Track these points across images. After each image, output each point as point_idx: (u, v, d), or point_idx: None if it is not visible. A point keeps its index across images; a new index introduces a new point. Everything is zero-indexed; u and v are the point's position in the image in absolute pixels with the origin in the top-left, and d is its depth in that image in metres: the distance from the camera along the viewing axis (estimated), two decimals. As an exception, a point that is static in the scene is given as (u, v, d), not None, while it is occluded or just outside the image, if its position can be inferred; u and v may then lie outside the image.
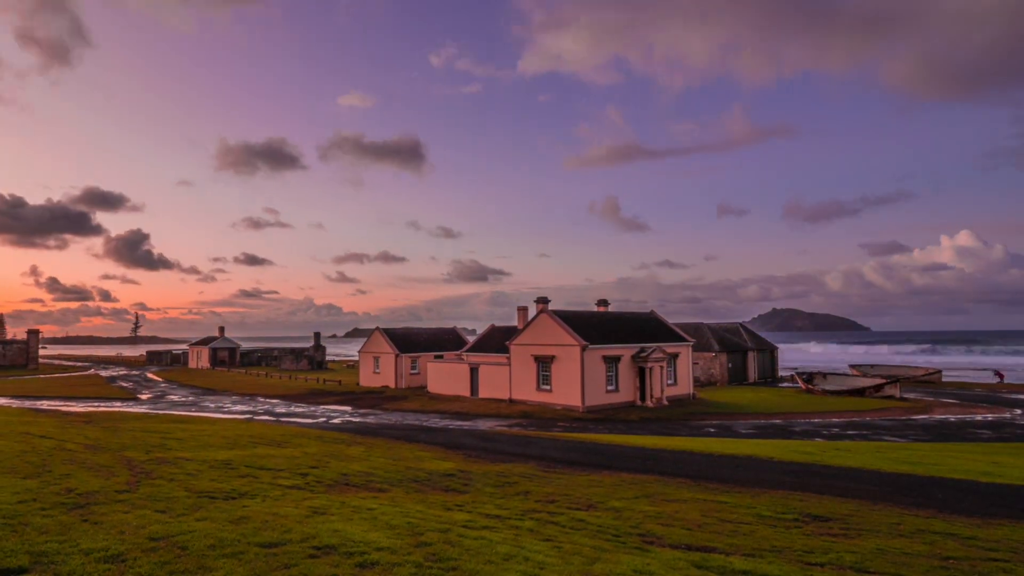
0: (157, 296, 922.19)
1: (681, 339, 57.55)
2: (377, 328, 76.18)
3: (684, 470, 21.81)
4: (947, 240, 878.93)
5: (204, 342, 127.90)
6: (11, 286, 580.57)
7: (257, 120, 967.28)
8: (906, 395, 59.76)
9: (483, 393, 57.35)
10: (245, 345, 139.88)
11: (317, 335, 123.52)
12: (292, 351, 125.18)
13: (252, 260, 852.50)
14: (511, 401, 53.65)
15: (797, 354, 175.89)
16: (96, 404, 53.94)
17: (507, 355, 55.70)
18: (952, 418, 44.62)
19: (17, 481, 13.94)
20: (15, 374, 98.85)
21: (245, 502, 12.99)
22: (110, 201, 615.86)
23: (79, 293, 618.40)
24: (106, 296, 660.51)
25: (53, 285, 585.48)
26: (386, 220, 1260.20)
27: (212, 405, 55.50)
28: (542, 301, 54.09)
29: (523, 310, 59.51)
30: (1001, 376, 70.75)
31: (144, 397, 63.50)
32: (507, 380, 54.93)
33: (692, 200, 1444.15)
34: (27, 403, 51.96)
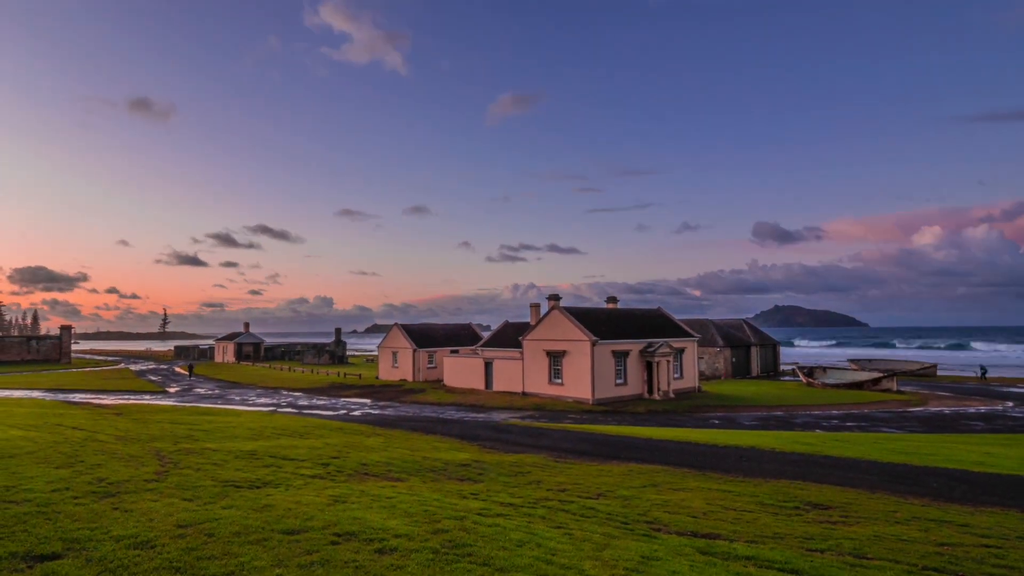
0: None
1: (687, 334, 57.35)
2: (396, 324, 76.30)
3: (689, 460, 21.77)
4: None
5: (229, 337, 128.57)
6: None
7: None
8: (903, 388, 59.39)
9: (497, 386, 57.38)
10: (268, 341, 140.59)
11: (338, 331, 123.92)
12: (314, 346, 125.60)
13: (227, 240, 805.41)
14: (524, 394, 53.65)
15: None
16: (126, 397, 54.28)
17: (520, 350, 55.72)
18: (947, 410, 44.28)
19: (50, 470, 14.08)
20: (49, 368, 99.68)
21: (269, 491, 13.06)
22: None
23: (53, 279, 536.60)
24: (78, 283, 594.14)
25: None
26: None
27: (237, 398, 55.72)
28: (554, 298, 54.05)
29: (536, 307, 59.52)
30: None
31: (172, 390, 63.82)
32: (520, 374, 54.93)
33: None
34: (60, 396, 52.36)
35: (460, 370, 62.48)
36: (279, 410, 43.76)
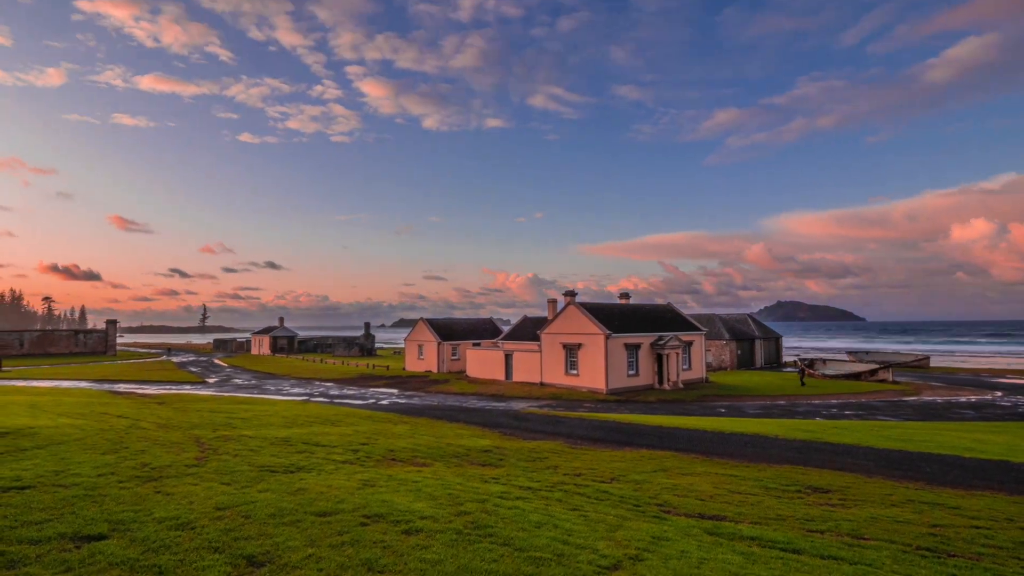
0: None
1: (695, 328, 57.09)
2: (421, 318, 76.58)
3: (697, 446, 21.69)
4: None
5: (265, 331, 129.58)
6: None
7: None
8: (898, 379, 58.75)
9: (517, 377, 57.40)
10: (301, 334, 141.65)
11: (367, 325, 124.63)
12: (344, 339, 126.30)
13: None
14: (542, 384, 53.65)
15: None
16: (168, 387, 54.74)
17: (538, 343, 55.71)
18: (939, 399, 43.73)
19: (97, 456, 14.26)
20: (95, 360, 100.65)
21: (302, 475, 13.16)
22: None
23: None
24: None
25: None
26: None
27: (272, 388, 56.04)
28: (570, 295, 54.05)
29: (553, 302, 59.48)
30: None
31: (211, 381, 64.24)
32: (538, 365, 54.93)
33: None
34: (106, 386, 52.76)
35: (482, 362, 62.57)
36: (312, 399, 44.03)
